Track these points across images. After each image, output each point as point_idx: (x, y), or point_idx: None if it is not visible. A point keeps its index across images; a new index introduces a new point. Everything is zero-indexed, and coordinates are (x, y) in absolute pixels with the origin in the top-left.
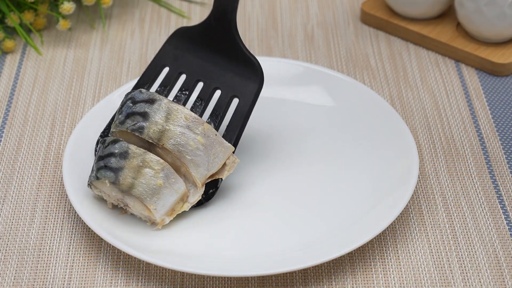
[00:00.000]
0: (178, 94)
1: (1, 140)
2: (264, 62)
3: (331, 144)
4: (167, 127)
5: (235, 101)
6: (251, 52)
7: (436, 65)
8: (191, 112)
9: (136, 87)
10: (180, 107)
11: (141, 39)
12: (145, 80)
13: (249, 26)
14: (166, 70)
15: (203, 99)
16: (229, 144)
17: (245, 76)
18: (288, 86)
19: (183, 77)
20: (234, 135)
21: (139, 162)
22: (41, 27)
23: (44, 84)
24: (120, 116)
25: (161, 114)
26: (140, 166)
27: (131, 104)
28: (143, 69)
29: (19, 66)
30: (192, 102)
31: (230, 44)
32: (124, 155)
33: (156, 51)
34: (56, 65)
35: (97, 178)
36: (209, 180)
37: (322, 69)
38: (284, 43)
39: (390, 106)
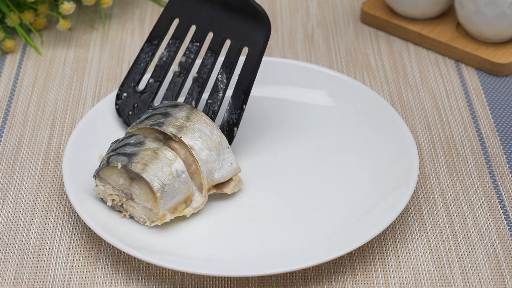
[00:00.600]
0: (189, 45)
1: (1, 140)
2: (264, 62)
3: (331, 144)
4: (187, 124)
5: (245, 50)
6: None
7: (436, 65)
8: (211, 120)
9: (148, 40)
10: (201, 112)
11: (141, 39)
12: (157, 32)
13: None
14: (176, 22)
15: (214, 50)
16: (238, 165)
17: (253, 25)
18: (288, 86)
19: (193, 29)
20: (246, 83)
21: (154, 151)
22: (41, 27)
23: (44, 84)
24: (137, 120)
25: (182, 114)
26: (154, 154)
27: (151, 110)
28: None
29: (19, 66)
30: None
31: None
32: (139, 144)
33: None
34: (56, 65)
35: (108, 164)
36: (213, 191)
37: (322, 69)
38: (284, 43)
39: (390, 106)
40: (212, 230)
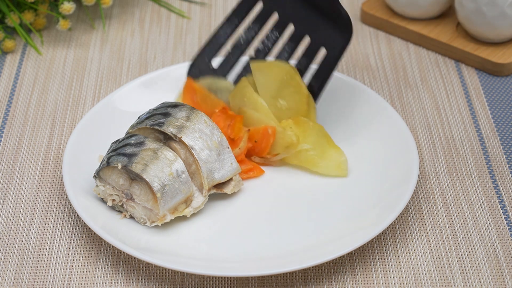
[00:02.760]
0: (269, 34)
1: (1, 140)
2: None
3: None
4: (187, 124)
5: (322, 51)
6: None
7: (436, 65)
8: (211, 120)
9: (228, 19)
10: (201, 112)
11: (141, 39)
12: (239, 12)
13: None
14: (259, 6)
15: (292, 45)
16: (239, 165)
17: (335, 28)
18: None
19: (275, 16)
20: (318, 85)
21: (154, 152)
22: (41, 27)
23: (44, 84)
24: (137, 120)
25: (182, 114)
26: (155, 155)
27: (151, 110)
28: (143, 69)
29: (19, 66)
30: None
31: None
32: (139, 144)
33: (156, 51)
34: (56, 65)
35: (108, 164)
36: (213, 191)
37: None
38: None
39: (390, 106)
40: (212, 230)
